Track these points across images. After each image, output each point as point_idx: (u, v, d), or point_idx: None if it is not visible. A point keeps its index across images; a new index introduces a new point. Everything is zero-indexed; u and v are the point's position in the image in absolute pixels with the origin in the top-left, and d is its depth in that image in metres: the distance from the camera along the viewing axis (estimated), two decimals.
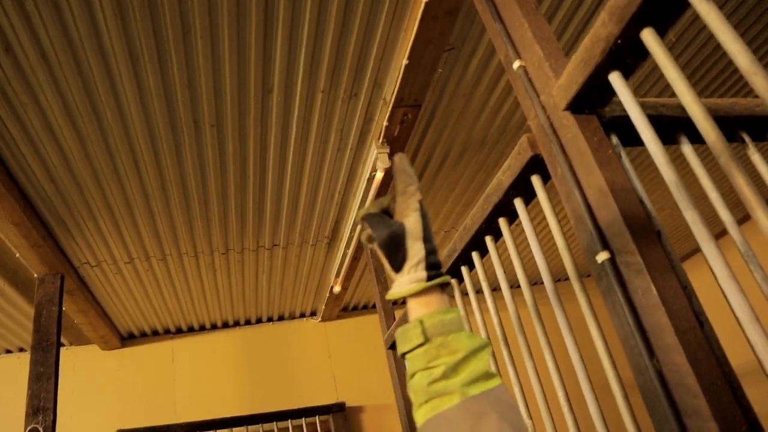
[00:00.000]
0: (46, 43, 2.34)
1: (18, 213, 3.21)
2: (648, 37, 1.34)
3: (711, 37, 3.21)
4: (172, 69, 2.58)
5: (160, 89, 2.67)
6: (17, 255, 3.62)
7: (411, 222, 0.85)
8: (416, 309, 0.83)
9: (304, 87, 2.85)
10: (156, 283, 4.62)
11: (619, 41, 1.38)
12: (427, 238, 0.85)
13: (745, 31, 3.33)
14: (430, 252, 0.84)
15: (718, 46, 3.34)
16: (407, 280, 0.83)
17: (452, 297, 2.41)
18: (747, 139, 1.69)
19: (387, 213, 0.91)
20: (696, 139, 1.61)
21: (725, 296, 1.26)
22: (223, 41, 2.50)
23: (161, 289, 4.74)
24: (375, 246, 0.87)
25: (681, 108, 1.62)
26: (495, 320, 2.14)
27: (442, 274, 0.84)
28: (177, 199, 3.54)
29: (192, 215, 3.76)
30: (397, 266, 0.84)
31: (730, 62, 3.51)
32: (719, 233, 6.52)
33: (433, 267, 0.84)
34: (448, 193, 4.27)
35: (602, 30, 1.41)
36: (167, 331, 5.69)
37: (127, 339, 5.64)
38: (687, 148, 1.66)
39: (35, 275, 3.87)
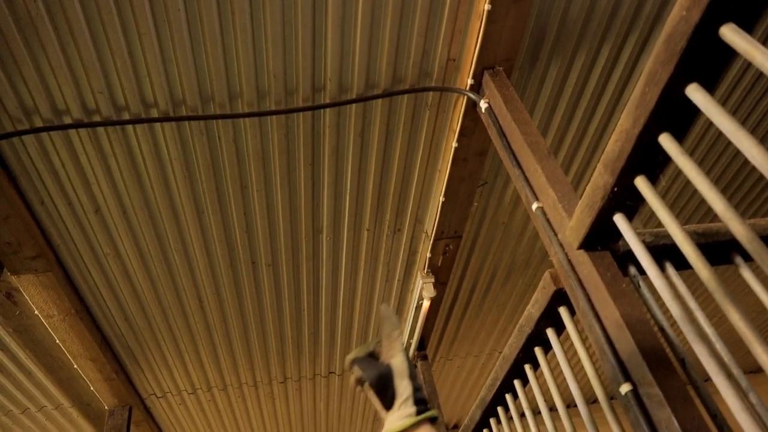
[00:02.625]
0: (127, 202, 2.72)
1: (95, 350, 3.50)
2: (641, 184, 1.49)
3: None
4: (232, 218, 2.90)
5: (222, 235, 2.99)
6: (92, 388, 3.88)
7: (397, 362, 0.93)
8: None
9: (351, 226, 3.11)
10: (217, 413, 4.75)
11: (616, 189, 1.54)
12: (412, 376, 0.92)
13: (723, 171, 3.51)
14: (417, 389, 0.91)
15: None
16: (398, 416, 0.89)
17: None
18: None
19: (373, 356, 0.99)
20: (716, 262, 1.69)
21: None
22: (276, 191, 2.82)
23: (222, 418, 4.85)
24: (366, 387, 0.93)
25: (697, 235, 1.73)
26: None
27: (430, 408, 0.90)
28: (237, 332, 3.76)
29: (251, 347, 3.96)
30: (388, 403, 0.90)
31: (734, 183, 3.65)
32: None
33: (420, 402, 0.90)
34: (499, 314, 4.31)
35: (600, 179, 1.57)
36: None
37: None
38: (705, 273, 1.71)
39: (106, 407, 4.09)
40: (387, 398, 0.91)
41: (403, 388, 0.91)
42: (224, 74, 2.28)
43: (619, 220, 1.60)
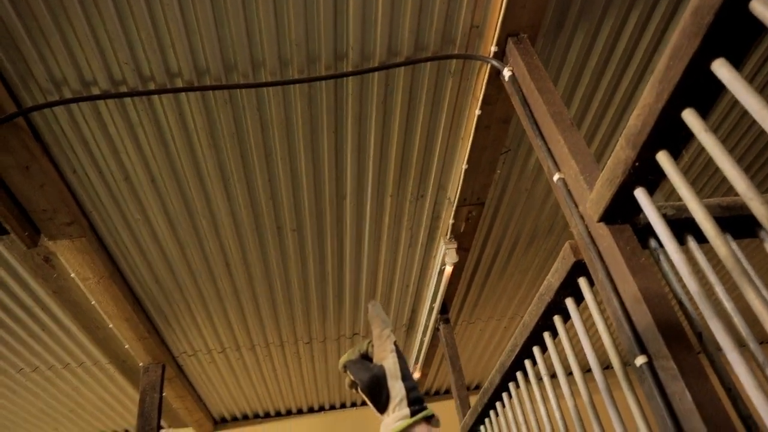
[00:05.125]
0: (155, 170, 2.78)
1: (129, 310, 3.65)
2: (662, 159, 1.48)
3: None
4: (257, 185, 2.95)
5: (248, 202, 3.05)
6: (126, 346, 4.06)
7: (389, 363, 0.92)
8: None
9: (374, 192, 3.13)
10: (246, 371, 4.92)
11: (637, 163, 1.53)
12: (405, 377, 0.91)
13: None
14: (411, 389, 0.90)
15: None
16: (393, 418, 0.88)
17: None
18: None
19: (366, 357, 0.98)
20: (740, 236, 1.67)
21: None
22: (300, 158, 2.85)
23: (250, 376, 5.03)
24: (359, 390, 0.92)
25: (720, 208, 1.72)
26: (555, 410, 2.20)
27: (425, 407, 0.89)
28: (264, 294, 3.87)
29: (277, 308, 4.07)
30: (382, 406, 0.90)
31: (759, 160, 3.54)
32: None
33: (415, 402, 0.89)
34: (521, 278, 4.34)
35: (621, 153, 1.56)
36: (256, 416, 5.94)
37: (220, 423, 5.93)
38: (723, 250, 1.70)
39: (140, 364, 4.28)
40: (381, 401, 0.90)
41: (397, 390, 0.90)
42: (247, 43, 2.28)
43: (639, 194, 1.59)
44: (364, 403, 6.08)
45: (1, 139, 2.34)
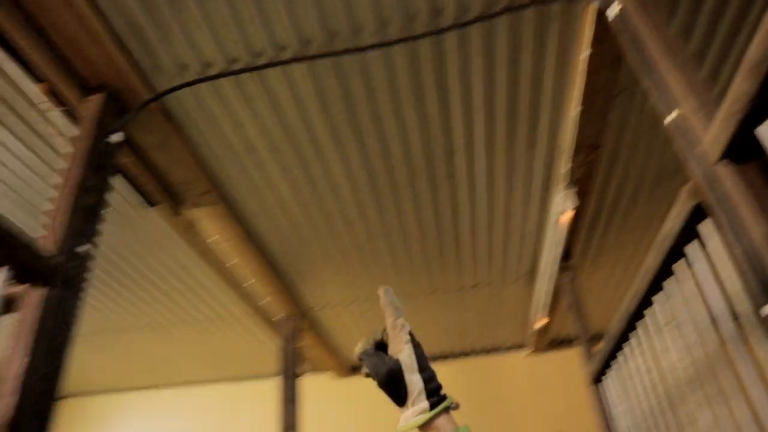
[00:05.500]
0: (274, 140, 2.98)
1: (263, 269, 3.99)
2: None
3: None
4: (369, 146, 3.06)
5: (362, 162, 3.17)
6: (262, 302, 4.47)
7: (404, 356, 0.92)
8: None
9: (484, 144, 3.12)
10: (374, 321, 5.19)
11: (760, 96, 1.40)
12: (422, 368, 0.91)
13: None
14: (428, 380, 0.90)
15: None
16: (412, 412, 0.88)
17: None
18: None
19: (382, 345, 0.98)
20: None
21: None
22: (408, 117, 2.90)
23: (380, 322, 5.30)
24: (377, 385, 0.92)
25: None
26: (681, 360, 2.12)
27: (444, 398, 0.89)
28: (384, 250, 4.03)
29: (398, 262, 4.23)
30: (401, 401, 0.90)
31: None
32: None
33: (433, 394, 0.89)
34: (647, 224, 4.11)
35: (741, 86, 1.45)
36: None
37: (357, 369, 6.34)
38: None
39: (279, 316, 4.69)
40: (399, 395, 0.91)
41: (414, 383, 0.90)
42: (346, 9, 2.34)
43: (764, 129, 1.47)
44: (491, 351, 6.18)
45: (141, 122, 2.63)
